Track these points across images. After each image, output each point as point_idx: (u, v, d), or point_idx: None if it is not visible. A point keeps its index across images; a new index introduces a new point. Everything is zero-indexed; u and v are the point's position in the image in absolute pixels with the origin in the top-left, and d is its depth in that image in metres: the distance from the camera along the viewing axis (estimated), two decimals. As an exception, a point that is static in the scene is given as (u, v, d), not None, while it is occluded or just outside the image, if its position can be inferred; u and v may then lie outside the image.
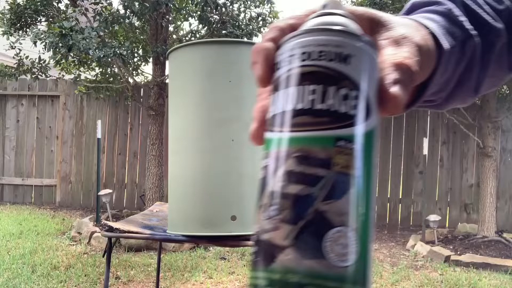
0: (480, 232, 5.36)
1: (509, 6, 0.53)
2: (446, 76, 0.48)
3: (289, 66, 0.35)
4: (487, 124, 5.43)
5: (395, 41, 0.39)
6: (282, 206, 0.31)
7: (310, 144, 0.32)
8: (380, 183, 6.81)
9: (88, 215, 6.22)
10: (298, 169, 0.31)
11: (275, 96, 0.35)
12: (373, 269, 3.15)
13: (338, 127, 0.32)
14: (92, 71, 6.73)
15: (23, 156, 7.39)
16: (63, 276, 3.71)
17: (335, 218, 0.30)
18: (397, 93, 0.34)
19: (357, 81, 0.33)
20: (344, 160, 0.32)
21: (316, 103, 0.32)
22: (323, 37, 0.34)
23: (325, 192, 0.31)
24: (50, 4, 5.63)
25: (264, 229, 0.32)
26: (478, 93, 0.54)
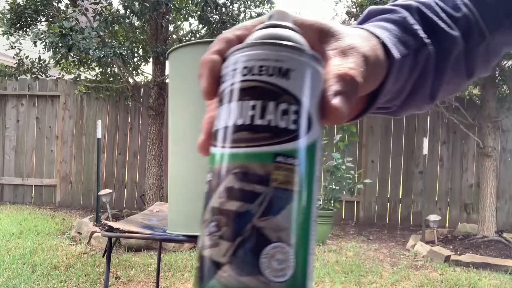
0: (480, 232, 5.37)
1: (466, 14, 0.52)
2: (399, 84, 0.48)
3: (232, 81, 0.35)
4: (487, 124, 5.43)
5: (342, 51, 0.39)
6: (221, 223, 0.32)
7: (249, 160, 0.32)
8: (380, 183, 6.81)
9: (88, 215, 6.22)
10: (237, 185, 0.32)
11: (220, 110, 0.35)
12: (373, 269, 3.14)
13: (277, 143, 0.32)
14: (92, 71, 6.73)
15: (23, 156, 7.39)
16: (63, 276, 3.71)
17: (271, 234, 0.31)
18: (338, 105, 0.34)
19: (297, 96, 0.33)
20: (282, 176, 0.32)
21: (256, 119, 0.33)
22: (264, 52, 0.34)
23: (262, 208, 0.31)
24: (50, 4, 5.63)
25: (205, 245, 0.32)
26: (434, 100, 0.54)
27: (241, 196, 0.31)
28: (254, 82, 0.34)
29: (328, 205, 5.55)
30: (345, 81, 0.36)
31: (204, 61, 0.38)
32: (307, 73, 0.34)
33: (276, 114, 0.33)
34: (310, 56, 0.35)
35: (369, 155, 6.84)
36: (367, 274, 4.14)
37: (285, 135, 0.32)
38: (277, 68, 0.33)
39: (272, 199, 0.31)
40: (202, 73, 0.38)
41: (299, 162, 0.32)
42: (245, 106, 0.33)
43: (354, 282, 3.89)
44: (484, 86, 5.56)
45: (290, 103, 0.33)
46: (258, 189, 0.31)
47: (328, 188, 5.54)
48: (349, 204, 6.85)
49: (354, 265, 4.36)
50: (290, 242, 0.31)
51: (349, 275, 4.07)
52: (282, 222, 0.31)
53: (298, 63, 0.34)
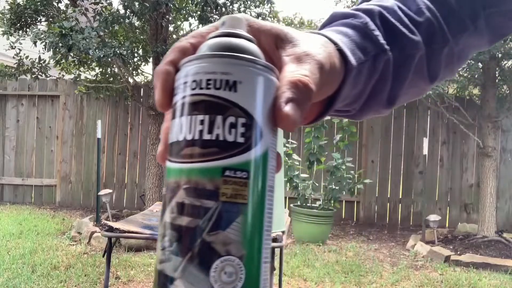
0: (480, 232, 5.37)
1: (429, 18, 0.52)
2: (357, 89, 0.48)
3: (182, 94, 0.35)
4: (487, 124, 5.43)
5: (298, 58, 0.39)
6: (173, 238, 0.33)
7: (199, 175, 0.33)
8: (380, 183, 6.81)
9: (88, 215, 6.22)
10: (187, 201, 0.32)
11: (172, 124, 0.36)
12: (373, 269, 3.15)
13: (225, 157, 0.32)
14: (92, 71, 6.73)
15: (23, 156, 7.39)
16: (63, 276, 3.71)
17: (220, 248, 0.31)
18: (289, 112, 0.34)
19: (245, 108, 0.33)
20: (231, 189, 0.32)
21: (204, 134, 0.33)
22: (212, 64, 0.34)
23: (211, 223, 0.32)
24: (50, 4, 5.63)
25: (159, 259, 0.33)
26: (392, 105, 0.54)
27: (191, 212, 0.32)
28: (202, 96, 0.34)
29: (328, 205, 5.55)
30: (297, 88, 0.36)
31: (158, 72, 0.38)
32: (257, 84, 0.34)
33: (224, 128, 0.33)
34: (261, 65, 0.35)
35: (369, 155, 6.84)
36: (367, 274, 4.14)
37: (233, 148, 0.33)
38: (224, 81, 0.34)
39: (220, 213, 0.32)
40: (155, 85, 0.38)
41: (248, 175, 0.33)
42: (194, 120, 0.33)
43: (354, 282, 3.89)
44: (484, 86, 5.56)
45: (238, 116, 0.33)
46: (207, 204, 0.32)
47: (328, 188, 5.54)
48: (349, 204, 6.85)
49: (354, 265, 4.36)
50: (240, 254, 0.32)
51: (349, 275, 4.07)
52: (231, 236, 0.32)
53: (247, 74, 0.34)
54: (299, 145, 6.56)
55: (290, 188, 5.55)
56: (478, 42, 0.58)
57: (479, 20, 0.55)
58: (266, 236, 0.34)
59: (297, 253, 4.73)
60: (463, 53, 0.57)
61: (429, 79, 0.55)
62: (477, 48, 0.59)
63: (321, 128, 5.59)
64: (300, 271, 4.09)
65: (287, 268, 4.13)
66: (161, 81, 0.37)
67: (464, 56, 0.58)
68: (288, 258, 4.47)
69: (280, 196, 2.36)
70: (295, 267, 4.19)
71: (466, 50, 0.57)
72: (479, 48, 0.60)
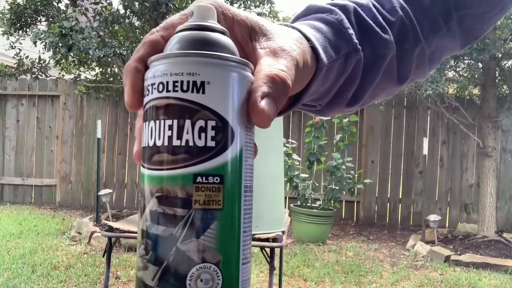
0: (480, 232, 5.36)
1: (402, 17, 0.52)
2: (325, 86, 0.48)
3: (150, 97, 0.34)
4: (487, 124, 5.43)
5: (273, 51, 0.38)
6: (148, 246, 0.32)
7: (170, 183, 0.32)
8: (380, 183, 6.81)
9: (88, 215, 6.22)
10: (160, 209, 0.32)
11: (143, 128, 0.34)
12: (373, 269, 3.13)
13: (196, 163, 0.32)
14: (92, 71, 6.73)
15: (23, 156, 7.39)
16: (63, 276, 3.71)
17: (195, 256, 0.31)
18: (265, 108, 0.33)
19: (215, 109, 0.32)
20: (204, 196, 0.31)
21: (173, 140, 0.32)
22: (178, 64, 0.33)
23: (185, 231, 0.31)
24: (50, 4, 5.63)
25: (138, 266, 0.33)
26: (357, 104, 0.53)
27: (164, 221, 0.32)
28: (169, 100, 0.32)
29: (328, 205, 5.55)
30: (275, 83, 0.35)
31: (127, 70, 0.36)
32: (228, 82, 0.33)
33: (194, 133, 0.32)
34: (234, 61, 0.34)
35: (369, 155, 6.84)
36: (367, 274, 4.14)
37: (204, 153, 0.32)
38: (191, 82, 0.32)
39: (193, 221, 0.31)
40: (125, 83, 0.36)
41: (222, 179, 0.32)
42: (162, 126, 0.32)
43: (354, 282, 3.89)
44: (484, 86, 5.56)
45: (208, 118, 0.32)
46: (179, 213, 0.31)
47: (328, 188, 5.54)
48: (349, 204, 6.85)
49: (354, 265, 4.36)
50: (216, 260, 0.31)
51: (349, 275, 4.07)
52: (205, 243, 0.31)
53: (216, 73, 0.33)
54: (299, 145, 6.56)
55: (290, 188, 5.55)
56: (451, 44, 0.57)
57: (452, 22, 0.55)
58: (245, 238, 0.33)
59: (297, 253, 4.73)
60: (435, 54, 0.56)
61: (397, 81, 0.54)
62: (449, 50, 0.58)
63: (321, 128, 5.59)
64: (300, 271, 4.09)
65: (287, 268, 4.13)
66: (130, 80, 0.35)
67: (436, 58, 0.57)
68: (288, 258, 4.47)
69: (280, 196, 2.36)
70: (295, 267, 4.19)
71: (439, 51, 0.57)
72: (451, 51, 0.59)
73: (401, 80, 0.55)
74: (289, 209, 5.20)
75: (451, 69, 5.62)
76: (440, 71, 5.00)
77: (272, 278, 2.13)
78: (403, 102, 6.76)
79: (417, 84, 5.16)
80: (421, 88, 5.08)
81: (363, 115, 6.81)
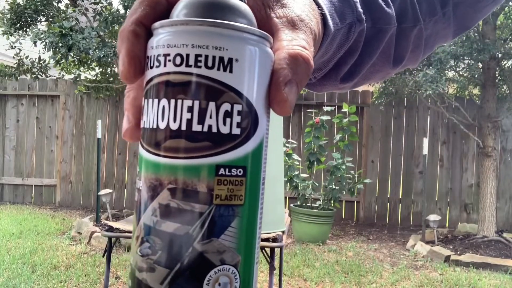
0: (480, 232, 5.36)
1: None
2: (326, 57, 0.45)
3: (161, 70, 0.29)
4: (487, 124, 5.43)
5: (291, 22, 0.34)
6: (156, 245, 0.28)
7: (187, 174, 0.27)
8: (380, 183, 6.81)
9: (88, 215, 6.22)
10: (174, 204, 0.28)
11: (147, 105, 0.29)
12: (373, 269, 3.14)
13: (219, 153, 0.28)
14: (92, 71, 6.73)
15: (23, 156, 7.39)
16: (63, 276, 3.71)
17: (214, 258, 0.27)
18: (288, 96, 0.30)
19: (241, 92, 0.28)
20: (226, 190, 0.28)
21: (194, 124, 0.28)
22: (202, 35, 0.28)
23: (204, 230, 0.27)
24: (50, 4, 5.63)
25: (139, 266, 0.28)
26: (350, 81, 0.50)
27: (179, 217, 0.27)
28: (190, 76, 0.28)
29: (328, 205, 5.55)
30: (298, 64, 0.31)
31: (123, 34, 0.30)
32: (255, 60, 0.29)
33: (218, 118, 0.28)
34: (258, 36, 0.29)
35: (369, 155, 6.84)
36: (367, 274, 4.14)
37: (228, 142, 0.28)
38: (218, 58, 0.28)
39: (214, 219, 0.27)
40: (119, 49, 0.30)
41: (244, 172, 0.28)
42: (179, 106, 0.28)
43: (354, 282, 3.89)
44: (484, 86, 5.56)
45: (234, 102, 0.28)
46: (198, 209, 0.27)
47: (328, 188, 5.54)
48: (349, 204, 6.85)
49: (354, 265, 4.36)
50: (235, 261, 0.28)
51: (349, 275, 4.07)
52: (226, 243, 0.28)
53: (244, 49, 0.28)
54: (299, 145, 6.56)
55: (290, 188, 5.55)
56: (444, 31, 0.57)
57: (448, 7, 0.55)
58: (259, 235, 0.30)
59: (297, 253, 4.73)
60: (430, 40, 0.55)
61: (393, 62, 0.52)
62: (442, 38, 0.58)
63: (321, 128, 5.59)
64: (300, 271, 4.09)
65: (287, 268, 4.13)
66: (127, 46, 0.30)
67: (430, 45, 0.56)
68: (288, 258, 4.47)
69: (280, 196, 2.36)
70: (295, 267, 4.19)
71: (433, 38, 0.56)
72: (444, 39, 0.58)
73: (397, 62, 0.53)
74: (289, 209, 5.20)
75: (451, 69, 5.62)
76: (440, 71, 5.00)
77: (272, 278, 2.13)
78: (403, 102, 6.76)
79: (417, 84, 5.16)
80: (421, 88, 5.08)
81: (363, 115, 6.81)
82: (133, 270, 0.29)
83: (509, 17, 5.21)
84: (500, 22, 5.40)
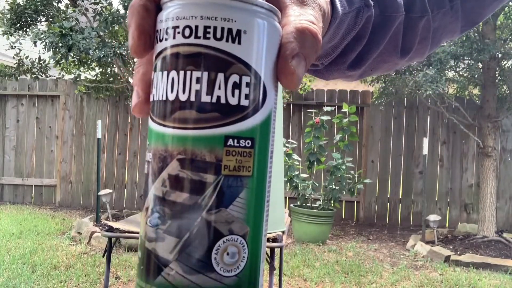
0: (480, 232, 5.36)
1: None
2: (334, 42, 0.44)
3: (170, 42, 0.29)
4: (487, 124, 5.43)
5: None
6: (166, 215, 0.28)
7: (196, 144, 0.28)
8: (380, 183, 6.81)
9: (88, 215, 6.22)
10: (183, 174, 0.28)
11: (156, 77, 0.30)
12: (373, 269, 3.13)
13: (227, 123, 0.28)
14: (92, 71, 6.73)
15: (23, 156, 7.39)
16: (63, 276, 3.71)
17: (223, 228, 0.28)
18: (296, 69, 0.30)
19: (250, 63, 0.29)
20: (234, 161, 0.28)
21: (202, 95, 0.28)
22: (210, 7, 0.28)
23: (212, 200, 0.28)
24: (50, 4, 5.63)
25: (149, 237, 0.29)
26: (358, 68, 0.50)
27: (188, 187, 0.28)
28: (199, 48, 0.28)
29: (328, 205, 5.55)
30: (305, 38, 0.31)
31: (133, 8, 0.31)
32: (264, 33, 0.29)
33: (226, 89, 0.28)
34: (266, 9, 0.30)
35: (369, 155, 6.84)
36: (367, 274, 4.14)
37: (237, 113, 0.28)
38: (226, 29, 0.28)
39: (222, 189, 0.28)
40: (129, 24, 0.31)
41: (253, 143, 0.29)
42: (188, 77, 0.28)
43: (354, 282, 3.89)
44: (484, 86, 5.56)
45: (243, 73, 0.28)
46: (207, 179, 0.28)
47: (328, 188, 5.54)
48: (349, 204, 6.85)
49: (354, 265, 4.36)
50: (243, 232, 0.29)
51: (349, 275, 4.07)
52: (234, 213, 0.28)
53: (252, 21, 0.29)
54: (299, 145, 6.56)
55: (290, 188, 5.56)
56: (452, 25, 0.56)
57: (456, 0, 0.54)
58: (267, 207, 0.31)
59: (297, 253, 4.73)
60: (437, 33, 0.55)
61: (401, 52, 0.52)
62: (450, 32, 0.57)
63: (321, 128, 5.59)
64: (300, 271, 4.09)
65: (287, 268, 4.13)
66: (137, 20, 0.30)
67: (438, 38, 0.56)
68: (288, 258, 4.47)
69: (280, 196, 2.36)
70: (295, 267, 4.19)
71: (440, 31, 0.55)
72: (451, 34, 0.58)
73: (404, 52, 0.53)
74: (289, 209, 5.21)
75: (451, 69, 5.62)
76: (440, 71, 5.00)
77: (272, 278, 2.13)
78: (403, 102, 6.76)
79: (417, 84, 5.16)
80: (421, 88, 5.08)
81: (363, 115, 6.81)
82: (143, 241, 0.30)
83: (509, 17, 5.21)
84: (500, 22, 5.40)
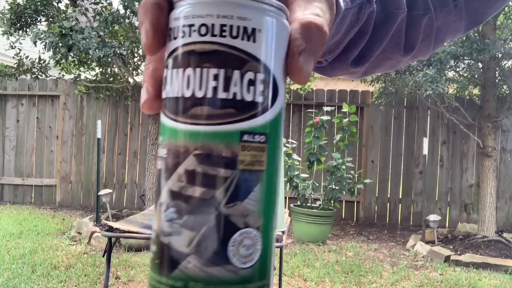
0: (480, 232, 5.36)
1: None
2: (336, 38, 0.45)
3: (186, 40, 0.30)
4: (487, 124, 5.43)
5: None
6: (182, 210, 0.29)
7: (213, 140, 0.29)
8: (380, 183, 6.81)
9: (88, 215, 6.22)
10: (199, 169, 0.29)
11: (170, 74, 0.31)
12: (373, 269, 3.13)
13: (243, 119, 0.29)
14: (92, 71, 6.73)
15: (23, 156, 7.39)
16: (63, 276, 3.71)
17: (239, 221, 0.29)
18: (303, 65, 0.31)
19: (264, 61, 0.30)
20: (250, 156, 0.29)
21: (219, 91, 0.29)
22: (226, 5, 0.29)
23: (229, 194, 0.29)
24: (50, 4, 5.63)
25: (164, 231, 0.30)
26: (362, 64, 0.50)
27: (205, 182, 0.29)
28: (215, 46, 0.29)
29: (328, 205, 5.55)
30: (310, 33, 0.31)
31: (146, 6, 0.31)
32: (276, 31, 0.30)
33: (242, 86, 0.29)
34: (276, 8, 0.31)
35: (369, 155, 6.84)
36: (367, 274, 4.14)
37: (252, 109, 0.29)
38: (242, 28, 0.29)
39: (238, 183, 0.29)
40: (142, 21, 0.31)
41: (266, 139, 0.30)
42: (205, 75, 0.29)
43: (354, 282, 3.89)
44: (484, 86, 5.56)
45: (257, 71, 0.29)
46: (223, 174, 0.29)
47: (328, 188, 5.55)
48: (349, 204, 6.85)
49: (354, 265, 4.36)
50: (257, 225, 0.30)
51: (349, 275, 4.07)
52: (249, 206, 0.29)
53: (266, 20, 0.30)
54: (299, 145, 6.56)
55: (290, 188, 5.56)
56: (456, 24, 0.56)
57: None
58: (278, 201, 0.32)
59: (297, 253, 4.73)
60: (441, 32, 0.55)
61: (404, 49, 0.52)
62: (454, 31, 0.58)
63: (321, 128, 5.59)
64: (300, 271, 4.09)
65: (287, 268, 4.13)
66: (151, 18, 0.31)
67: (441, 37, 0.56)
68: (288, 258, 4.47)
69: (280, 196, 2.37)
70: (295, 267, 4.19)
71: (444, 29, 0.55)
72: (455, 33, 0.58)
73: (407, 50, 0.53)
74: (289, 209, 5.21)
75: (451, 69, 5.62)
76: (440, 71, 5.00)
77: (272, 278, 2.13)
78: (403, 102, 6.76)
79: (417, 84, 5.16)
80: (421, 88, 5.08)
81: (363, 115, 6.81)
82: (158, 236, 0.30)
83: (509, 17, 5.21)
84: (500, 22, 5.40)
